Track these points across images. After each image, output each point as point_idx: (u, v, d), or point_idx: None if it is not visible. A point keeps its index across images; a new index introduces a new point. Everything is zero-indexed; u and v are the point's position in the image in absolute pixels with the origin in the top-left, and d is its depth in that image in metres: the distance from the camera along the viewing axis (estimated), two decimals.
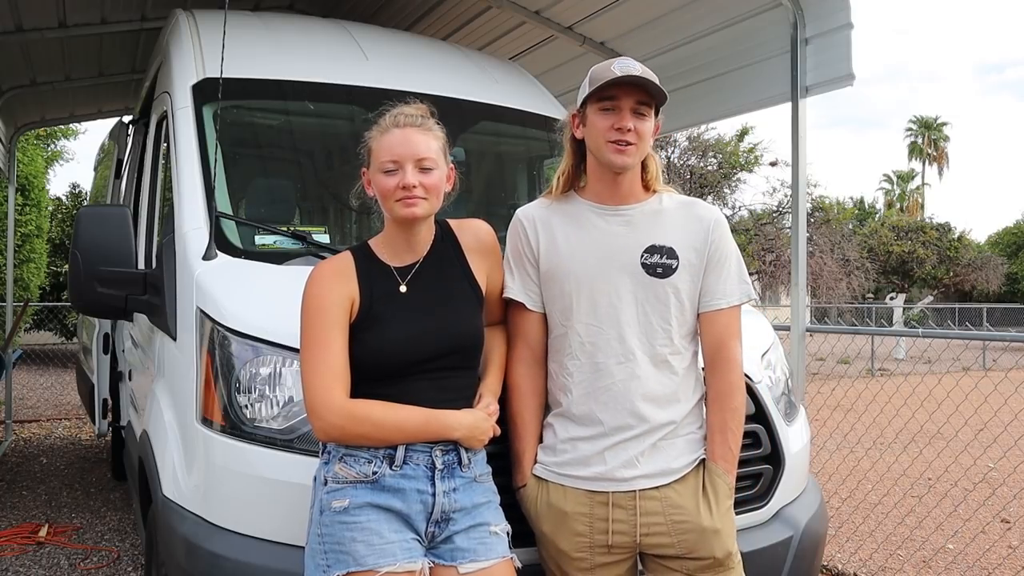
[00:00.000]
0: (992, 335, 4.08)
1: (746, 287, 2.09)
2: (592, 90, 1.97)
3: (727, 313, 2.05)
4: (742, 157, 20.12)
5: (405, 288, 1.93)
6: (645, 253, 2.01)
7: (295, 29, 3.82)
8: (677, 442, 2.01)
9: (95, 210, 2.76)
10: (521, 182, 4.15)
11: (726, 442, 2.01)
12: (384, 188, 1.88)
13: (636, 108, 1.96)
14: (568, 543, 1.98)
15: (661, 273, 2.00)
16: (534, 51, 5.67)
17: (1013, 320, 28.67)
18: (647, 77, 1.93)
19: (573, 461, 2.00)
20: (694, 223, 2.06)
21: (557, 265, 2.05)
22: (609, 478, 1.97)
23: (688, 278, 2.02)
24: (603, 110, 1.98)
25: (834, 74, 4.14)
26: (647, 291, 2.00)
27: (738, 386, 2.04)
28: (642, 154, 2.01)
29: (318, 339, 1.82)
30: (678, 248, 2.02)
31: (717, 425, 2.02)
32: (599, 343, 2.00)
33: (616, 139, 1.96)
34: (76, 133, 15.92)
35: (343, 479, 1.81)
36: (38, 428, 8.65)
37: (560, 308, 2.05)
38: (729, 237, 2.09)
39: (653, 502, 1.96)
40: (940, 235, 30.19)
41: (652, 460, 1.97)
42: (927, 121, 58.73)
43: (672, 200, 2.10)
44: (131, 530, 4.95)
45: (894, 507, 5.54)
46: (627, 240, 2.03)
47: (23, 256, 12.68)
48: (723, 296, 2.05)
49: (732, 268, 2.07)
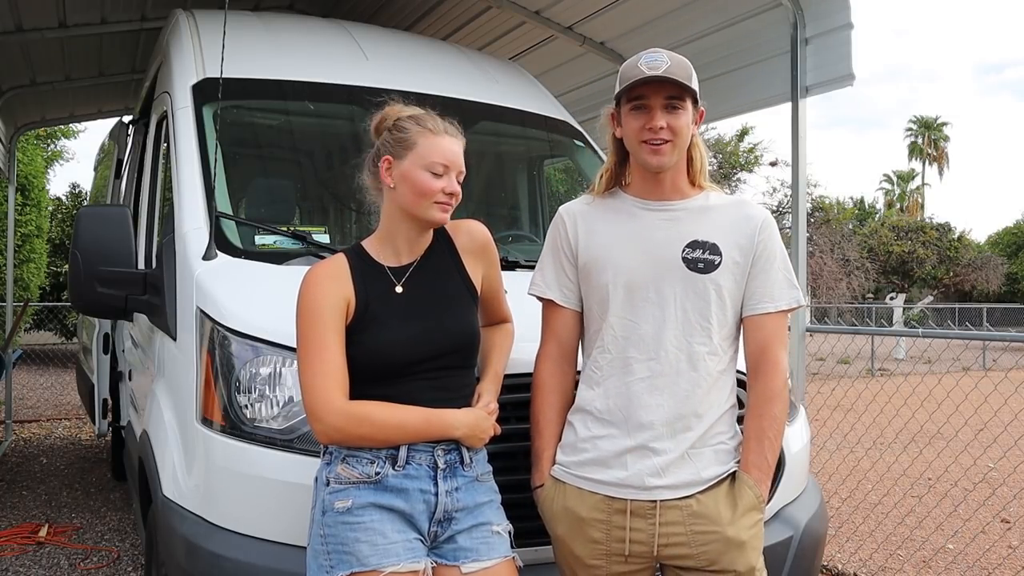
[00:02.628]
0: (992, 335, 4.08)
1: (796, 292, 1.99)
2: (620, 90, 1.93)
3: (774, 318, 1.96)
4: (742, 157, 20.16)
5: (401, 288, 1.93)
6: (687, 248, 1.94)
7: (295, 29, 3.82)
8: (705, 452, 1.91)
9: (95, 210, 2.76)
10: (521, 182, 4.15)
11: (762, 451, 1.90)
12: (427, 187, 1.88)
13: (668, 104, 1.89)
14: (583, 549, 1.92)
15: (703, 268, 1.92)
16: (534, 51, 5.67)
17: (1013, 320, 28.67)
18: (674, 75, 1.86)
19: (592, 462, 1.93)
20: (741, 222, 1.98)
21: (596, 257, 1.99)
22: (630, 485, 1.88)
23: (731, 277, 1.94)
24: (634, 109, 1.92)
25: (834, 74, 4.14)
26: (687, 286, 1.92)
27: (780, 393, 1.94)
28: (680, 150, 1.93)
29: (315, 342, 1.81)
30: (722, 245, 1.94)
31: (754, 432, 1.92)
32: (632, 338, 1.93)
33: (648, 139, 1.90)
34: (76, 133, 15.96)
35: (346, 480, 1.81)
36: (38, 428, 8.64)
37: (598, 300, 1.99)
38: (778, 239, 2.00)
39: (674, 512, 1.87)
40: (940, 235, 30.18)
41: (678, 470, 1.88)
42: (927, 121, 58.74)
43: (720, 198, 2.03)
44: (131, 530, 4.95)
45: (894, 507, 5.53)
46: (669, 234, 1.96)
47: (23, 256, 12.68)
48: (771, 300, 1.96)
49: (780, 271, 1.98)
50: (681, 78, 1.88)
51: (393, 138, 1.93)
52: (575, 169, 3.92)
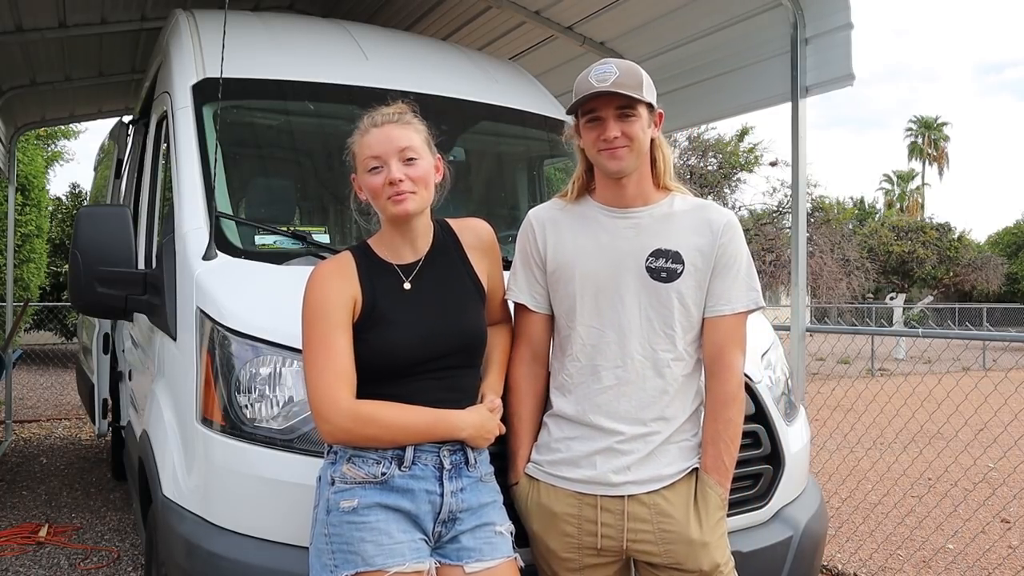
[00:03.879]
0: (992, 335, 4.08)
1: (754, 294, 2.03)
2: (572, 105, 1.97)
3: (731, 320, 2.00)
4: (742, 157, 20.14)
5: (409, 285, 1.92)
6: (650, 257, 1.98)
7: (295, 29, 3.81)
8: (670, 449, 1.98)
9: (95, 210, 2.76)
10: (521, 182, 4.14)
11: (719, 454, 1.97)
12: (372, 187, 1.88)
13: (620, 113, 1.93)
14: (557, 543, 1.99)
15: (665, 277, 1.97)
16: (534, 51, 5.67)
17: (1013, 320, 28.67)
18: (618, 88, 1.89)
19: (564, 461, 1.99)
20: (703, 226, 2.01)
21: (564, 266, 2.04)
22: (598, 482, 1.95)
23: (693, 283, 1.98)
24: (589, 122, 1.97)
25: (834, 74, 4.14)
26: (651, 295, 1.97)
27: (734, 396, 1.98)
28: (639, 154, 1.97)
29: (322, 341, 1.80)
30: (684, 252, 1.98)
31: (711, 436, 1.98)
32: (600, 346, 1.99)
33: (604, 148, 1.94)
34: (76, 133, 15.95)
35: (351, 479, 1.80)
36: (38, 428, 8.64)
37: (565, 309, 2.04)
38: (740, 242, 2.03)
39: (642, 508, 1.94)
40: (940, 235, 30.17)
41: (644, 466, 1.95)
42: (927, 121, 58.73)
43: (684, 202, 2.06)
44: (131, 530, 4.95)
45: (894, 507, 5.54)
46: (633, 243, 2.00)
47: (23, 256, 12.68)
48: (727, 302, 2.00)
49: (740, 274, 2.01)
50: (629, 88, 1.91)
51: (350, 155, 1.95)
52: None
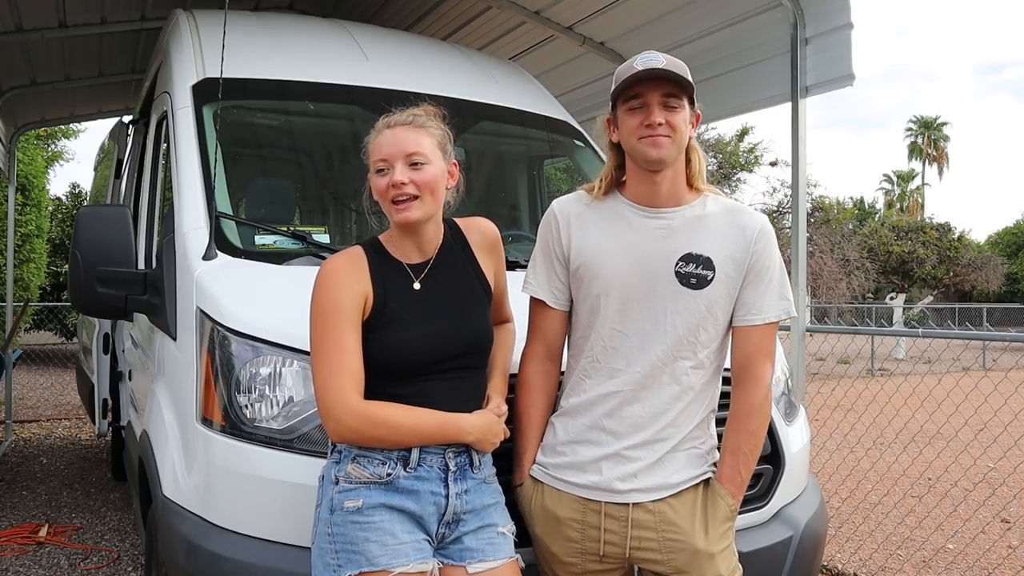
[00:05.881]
0: (992, 335, 4.08)
1: (786, 304, 1.96)
2: (616, 89, 1.90)
3: (761, 330, 1.94)
4: (742, 157, 20.14)
5: (419, 285, 1.90)
6: (680, 261, 1.91)
7: (295, 29, 3.81)
8: (678, 456, 1.93)
9: (95, 210, 2.76)
10: (521, 182, 4.15)
11: (736, 465, 1.92)
12: (378, 188, 1.87)
13: (665, 101, 1.85)
14: (560, 547, 1.96)
15: (695, 284, 1.90)
16: (534, 51, 5.67)
17: (1013, 320, 28.69)
18: (671, 69, 1.83)
19: (570, 465, 1.95)
20: (736, 232, 1.94)
21: (588, 264, 1.97)
22: (604, 488, 1.91)
23: (724, 292, 1.92)
24: (631, 109, 1.88)
25: (834, 74, 4.14)
26: (678, 301, 1.90)
27: (760, 408, 1.93)
28: (679, 147, 1.89)
29: (331, 338, 1.77)
30: (716, 258, 1.91)
31: (731, 446, 1.93)
32: (621, 349, 1.93)
33: (646, 135, 1.85)
34: (76, 133, 15.96)
35: (356, 479, 1.79)
36: (38, 428, 8.64)
37: (588, 308, 1.98)
38: (773, 249, 1.96)
39: (647, 515, 1.90)
40: (940, 235, 30.14)
41: (650, 474, 1.91)
42: (927, 121, 58.76)
43: (717, 204, 1.98)
44: (131, 530, 4.95)
45: (894, 507, 5.54)
46: (663, 246, 1.92)
47: (23, 256, 12.68)
48: (759, 312, 1.93)
49: (773, 282, 1.95)
50: (679, 71, 1.86)
51: (364, 155, 1.93)
52: (575, 169, 3.92)
